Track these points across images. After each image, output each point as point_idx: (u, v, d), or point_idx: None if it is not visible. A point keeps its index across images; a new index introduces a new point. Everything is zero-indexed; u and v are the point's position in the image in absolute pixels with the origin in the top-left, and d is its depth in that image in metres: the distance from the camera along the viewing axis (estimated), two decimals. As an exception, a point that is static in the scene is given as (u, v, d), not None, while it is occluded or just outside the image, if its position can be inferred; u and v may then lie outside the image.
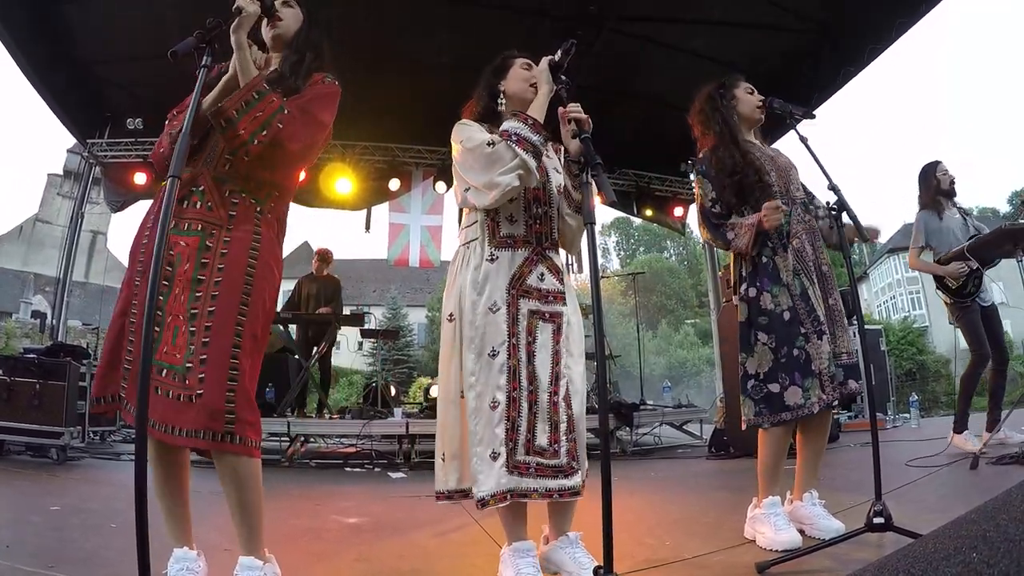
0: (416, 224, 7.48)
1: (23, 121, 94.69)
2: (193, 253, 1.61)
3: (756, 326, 2.24)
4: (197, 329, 1.55)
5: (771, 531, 2.08)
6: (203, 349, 1.53)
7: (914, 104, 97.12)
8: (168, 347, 1.56)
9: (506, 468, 1.68)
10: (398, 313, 28.24)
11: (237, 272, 1.61)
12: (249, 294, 1.61)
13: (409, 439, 4.95)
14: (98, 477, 3.98)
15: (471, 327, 1.78)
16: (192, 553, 1.60)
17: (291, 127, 1.64)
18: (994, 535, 0.91)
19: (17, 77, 5.46)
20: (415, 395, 16.61)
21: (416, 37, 5.67)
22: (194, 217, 1.64)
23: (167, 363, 1.55)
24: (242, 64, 1.64)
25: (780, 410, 2.16)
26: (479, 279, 1.81)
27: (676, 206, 8.30)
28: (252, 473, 1.61)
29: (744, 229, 2.24)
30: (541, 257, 1.87)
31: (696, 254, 31.66)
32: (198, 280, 1.59)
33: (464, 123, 1.93)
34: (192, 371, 1.52)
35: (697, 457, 5.17)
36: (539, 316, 1.81)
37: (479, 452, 1.71)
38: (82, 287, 22.21)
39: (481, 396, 1.73)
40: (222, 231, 1.64)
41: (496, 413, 1.71)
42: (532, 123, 1.79)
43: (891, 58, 5.77)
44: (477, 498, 1.69)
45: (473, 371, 1.76)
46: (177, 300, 1.58)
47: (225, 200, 1.66)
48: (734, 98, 2.40)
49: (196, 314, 1.56)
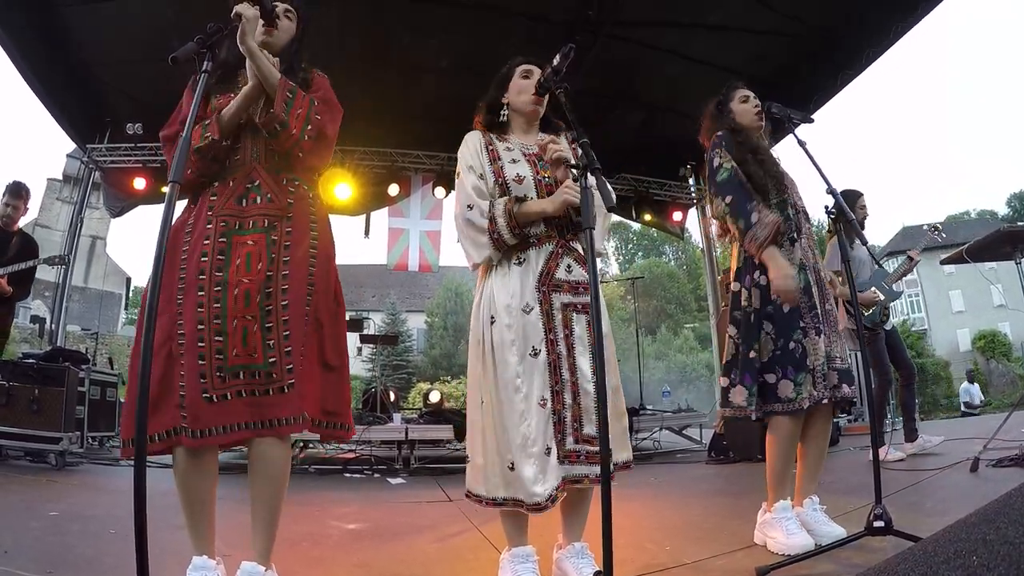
0: (415, 229, 7.49)
1: (23, 126, 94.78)
2: (263, 251, 1.62)
3: (763, 315, 2.22)
4: (274, 324, 1.57)
5: (783, 535, 2.06)
6: (286, 343, 1.57)
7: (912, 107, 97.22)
8: (239, 350, 1.55)
9: (558, 459, 1.70)
10: (397, 318, 28.22)
11: (302, 264, 1.66)
12: (313, 283, 1.67)
13: (408, 445, 4.95)
14: (97, 483, 3.96)
15: (509, 330, 1.78)
16: (211, 562, 1.58)
17: (325, 116, 1.74)
18: (994, 538, 0.91)
19: (17, 81, 5.48)
20: (414, 401, 16.62)
21: (415, 42, 5.69)
22: (257, 214, 1.66)
23: (243, 365, 1.55)
24: (263, 69, 1.66)
25: (772, 401, 2.16)
26: (509, 283, 1.83)
27: (675, 211, 8.31)
28: (286, 472, 1.64)
29: (770, 221, 2.15)
30: (567, 249, 1.87)
31: (695, 258, 31.67)
32: (269, 277, 1.61)
33: (468, 150, 1.95)
34: (278, 364, 1.55)
35: (697, 462, 5.17)
36: (572, 308, 1.82)
37: (535, 452, 1.70)
38: (81, 292, 22.22)
39: (528, 397, 1.73)
40: (283, 222, 1.67)
41: (546, 411, 1.72)
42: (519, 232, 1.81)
43: (889, 61, 5.80)
44: (546, 496, 1.66)
45: (518, 373, 1.75)
46: (249, 301, 1.57)
47: (283, 188, 1.71)
48: (731, 112, 2.41)
49: (271, 310, 1.58)
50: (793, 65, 6.02)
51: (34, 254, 4.35)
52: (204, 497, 1.61)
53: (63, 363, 4.59)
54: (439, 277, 26.76)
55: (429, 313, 30.62)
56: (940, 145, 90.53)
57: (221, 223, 1.62)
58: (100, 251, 24.51)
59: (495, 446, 1.76)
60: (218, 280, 1.57)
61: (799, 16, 5.48)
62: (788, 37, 5.74)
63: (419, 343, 30.18)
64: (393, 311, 28.53)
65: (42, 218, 23.35)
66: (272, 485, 1.61)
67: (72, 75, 5.88)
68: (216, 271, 1.58)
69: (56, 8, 5.09)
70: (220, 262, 1.59)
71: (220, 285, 1.57)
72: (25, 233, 4.36)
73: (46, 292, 12.93)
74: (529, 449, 1.70)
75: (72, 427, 4.41)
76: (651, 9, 5.47)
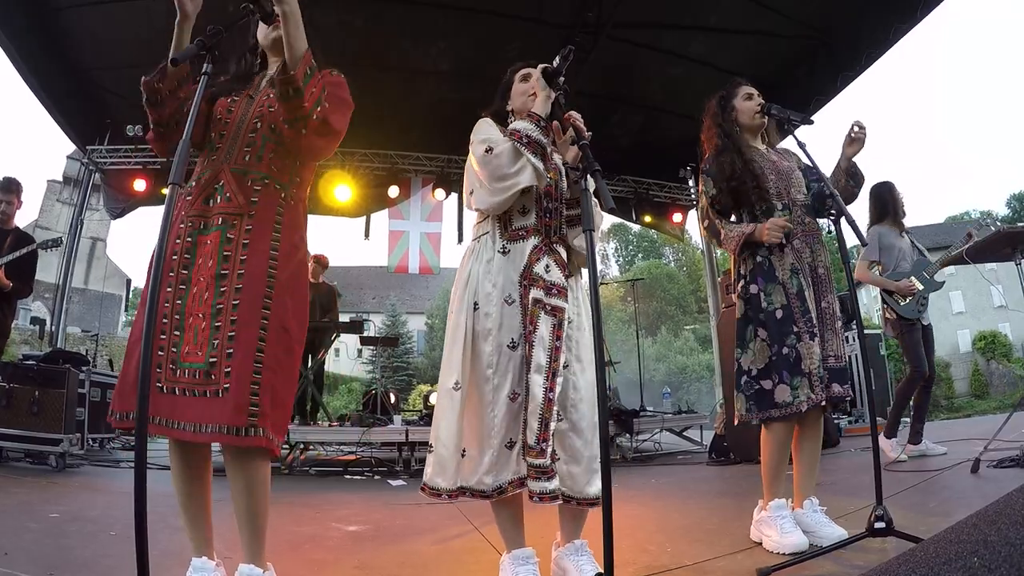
0: (415, 231, 7.50)
1: (23, 127, 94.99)
2: (215, 249, 1.60)
3: (756, 322, 2.26)
4: (222, 324, 1.54)
5: (777, 534, 2.08)
6: (229, 344, 1.52)
7: (912, 108, 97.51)
8: (190, 347, 1.54)
9: (523, 455, 1.69)
10: (397, 320, 28.24)
11: (260, 262, 1.59)
12: (272, 286, 1.59)
13: (409, 446, 4.95)
14: (97, 484, 3.96)
15: (487, 318, 1.77)
16: (211, 564, 1.58)
17: (333, 106, 1.68)
18: (995, 539, 0.91)
19: (18, 83, 5.49)
20: (415, 402, 16.60)
21: (415, 44, 5.71)
22: (217, 212, 1.64)
23: (188, 363, 1.53)
24: (297, 31, 1.59)
25: (769, 407, 2.19)
26: (492, 271, 1.82)
27: (675, 212, 8.32)
28: (263, 478, 1.60)
29: (735, 234, 2.31)
30: (549, 249, 1.86)
31: (695, 260, 31.70)
32: (222, 275, 1.57)
33: (484, 122, 1.95)
34: (217, 366, 1.51)
35: (697, 463, 5.16)
36: (541, 306, 1.76)
37: (495, 444, 1.70)
38: (81, 294, 22.24)
39: (499, 388, 1.72)
40: (243, 220, 1.62)
41: (516, 404, 1.72)
42: (542, 125, 1.80)
43: (889, 63, 5.81)
44: (494, 487, 1.67)
45: (490, 363, 1.74)
46: (199, 299, 1.57)
47: (246, 188, 1.65)
48: (733, 108, 2.43)
49: (221, 309, 1.55)
50: (793, 66, 6.03)
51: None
52: (199, 498, 1.61)
53: (63, 365, 4.59)
54: (439, 279, 26.75)
55: (429, 315, 30.63)
56: (940, 146, 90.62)
57: (189, 223, 1.63)
58: (100, 253, 24.53)
59: (457, 432, 1.74)
60: (183, 278, 1.59)
61: (798, 18, 5.50)
62: (787, 39, 5.76)
63: (419, 345, 30.19)
64: (393, 313, 28.55)
65: (42, 219, 23.37)
66: (246, 494, 1.57)
67: (72, 77, 5.90)
68: (182, 269, 1.60)
69: (57, 11, 5.10)
70: (186, 260, 1.60)
71: (184, 283, 1.59)
72: (21, 230, 4.34)
73: (46, 294, 12.94)
74: (491, 440, 1.71)
75: (72, 429, 4.41)
76: (651, 11, 5.49)
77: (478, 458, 1.73)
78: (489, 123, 1.95)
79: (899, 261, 4.07)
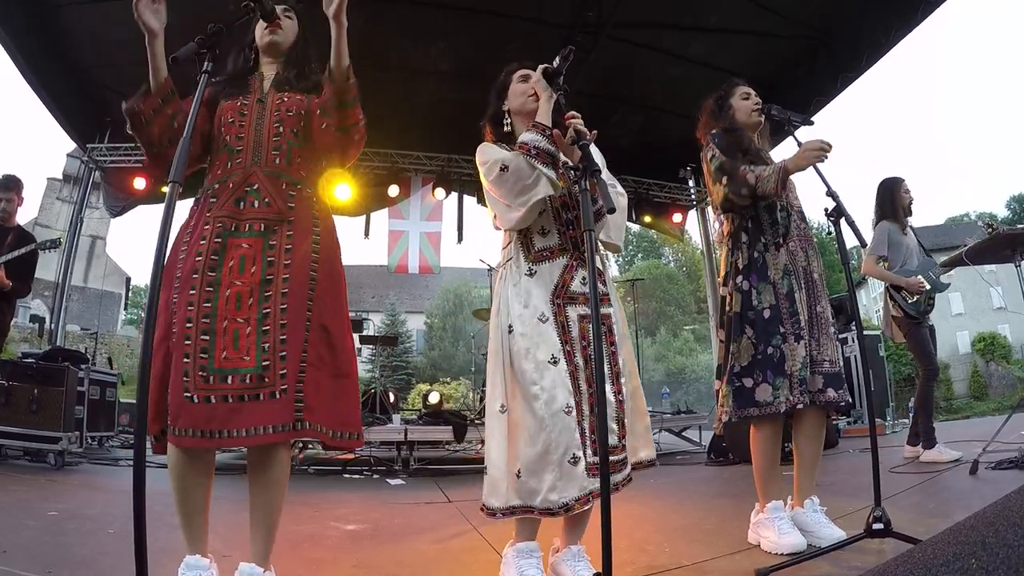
0: (415, 231, 7.49)
1: (23, 125, 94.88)
2: (258, 254, 1.61)
3: (746, 319, 2.25)
4: (271, 327, 1.55)
5: (775, 535, 2.08)
6: (281, 347, 1.54)
7: (912, 109, 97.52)
8: (229, 352, 1.52)
9: (587, 472, 1.67)
10: (396, 319, 28.22)
11: (303, 267, 1.64)
12: (314, 288, 1.64)
13: (408, 446, 4.95)
14: (96, 482, 3.96)
15: (523, 339, 1.77)
16: (204, 561, 1.58)
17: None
18: (993, 541, 0.91)
19: (18, 81, 5.48)
20: (414, 402, 16.61)
21: (415, 44, 5.70)
22: (254, 217, 1.64)
23: (232, 368, 1.52)
24: (345, 45, 1.68)
25: (748, 405, 2.18)
26: (521, 292, 1.83)
27: (675, 212, 8.32)
28: (285, 476, 1.63)
29: (771, 171, 2.15)
30: (582, 262, 1.86)
31: (695, 260, 31.68)
32: (267, 280, 1.59)
33: (485, 145, 1.96)
34: (271, 369, 1.52)
35: (696, 463, 5.16)
36: (588, 320, 1.78)
37: (554, 460, 1.66)
38: (81, 292, 22.23)
39: (550, 404, 1.70)
40: (284, 226, 1.65)
41: (571, 418, 1.70)
42: (549, 134, 1.80)
43: (889, 63, 5.81)
44: (560, 504, 1.65)
45: (534, 380, 1.73)
46: (236, 303, 1.56)
47: (282, 192, 1.69)
48: (731, 108, 2.42)
49: (268, 313, 1.57)
50: (793, 67, 6.03)
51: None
52: (198, 496, 1.61)
53: (62, 363, 4.59)
54: (439, 278, 26.74)
55: (428, 314, 30.63)
56: (940, 146, 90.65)
57: (218, 224, 1.62)
58: (100, 251, 24.53)
59: (511, 453, 1.74)
60: (210, 280, 1.57)
61: (798, 18, 5.50)
62: (787, 39, 5.76)
63: (419, 344, 30.19)
64: (392, 312, 28.54)
65: (42, 217, 23.37)
66: (270, 490, 1.60)
67: (72, 75, 5.88)
68: (209, 271, 1.57)
69: (57, 8, 5.10)
70: (213, 262, 1.58)
71: (212, 285, 1.56)
72: (22, 228, 4.34)
73: (45, 292, 12.93)
74: (550, 456, 1.67)
75: (71, 427, 4.42)
76: (651, 11, 5.48)
77: (538, 476, 1.68)
78: (490, 145, 1.95)
79: (907, 258, 4.03)
